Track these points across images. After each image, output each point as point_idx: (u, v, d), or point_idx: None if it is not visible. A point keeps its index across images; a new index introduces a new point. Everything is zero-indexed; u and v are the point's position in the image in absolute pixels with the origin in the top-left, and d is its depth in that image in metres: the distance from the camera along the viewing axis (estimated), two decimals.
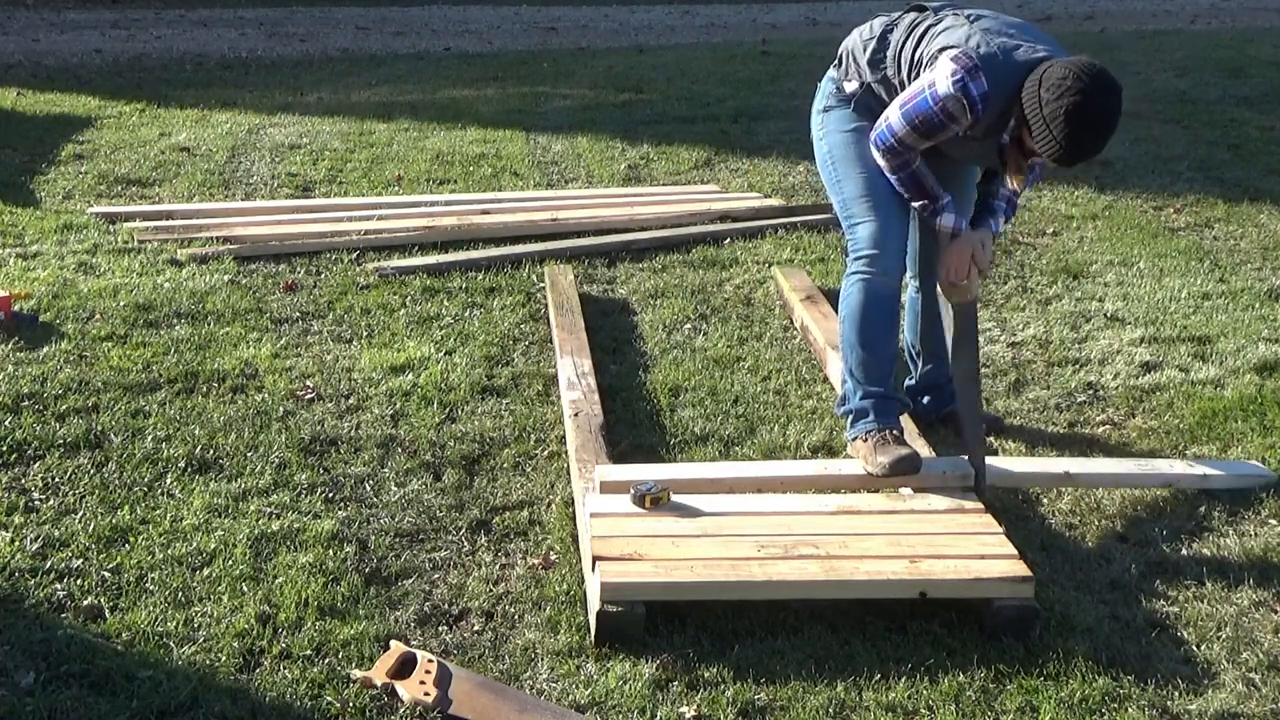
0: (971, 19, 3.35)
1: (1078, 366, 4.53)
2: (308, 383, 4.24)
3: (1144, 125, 8.72)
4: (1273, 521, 3.48)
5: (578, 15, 17.33)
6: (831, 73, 3.72)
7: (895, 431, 3.48)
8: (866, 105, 3.58)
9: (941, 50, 3.28)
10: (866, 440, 3.46)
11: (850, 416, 3.56)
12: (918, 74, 3.37)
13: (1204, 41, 13.31)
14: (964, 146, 3.43)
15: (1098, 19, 16.20)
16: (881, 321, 3.53)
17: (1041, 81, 3.09)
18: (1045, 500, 3.59)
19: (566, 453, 3.73)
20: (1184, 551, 3.31)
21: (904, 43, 3.45)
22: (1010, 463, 3.61)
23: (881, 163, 3.45)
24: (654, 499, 3.20)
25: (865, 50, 3.56)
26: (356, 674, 2.71)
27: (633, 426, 3.98)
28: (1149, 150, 7.97)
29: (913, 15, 3.51)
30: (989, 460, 3.48)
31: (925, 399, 4.03)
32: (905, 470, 3.36)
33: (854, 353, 3.54)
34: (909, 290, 4.01)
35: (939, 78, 3.22)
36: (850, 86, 3.62)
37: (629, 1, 19.30)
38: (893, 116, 3.36)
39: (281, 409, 4.01)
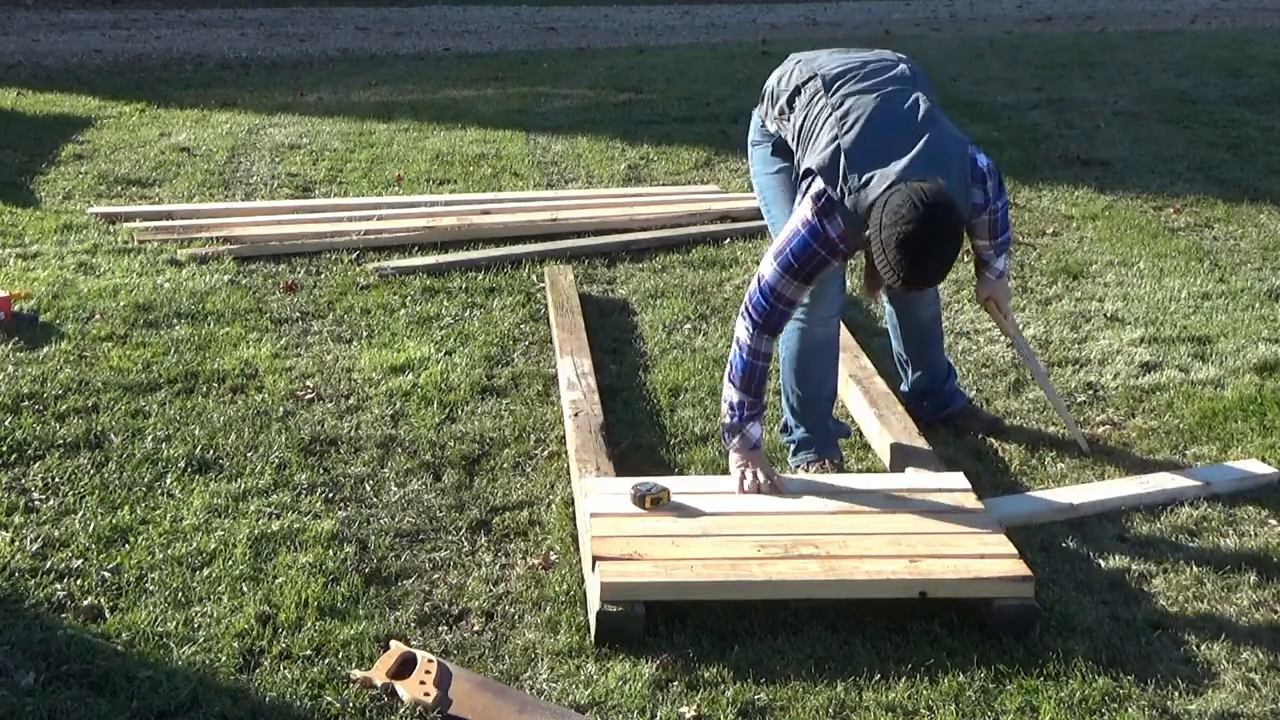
0: (845, 127, 3.21)
1: (1078, 366, 4.53)
2: (308, 383, 4.24)
3: (1144, 125, 8.72)
4: (1273, 522, 3.48)
5: (578, 15, 17.33)
6: (757, 107, 3.75)
7: (835, 459, 3.68)
8: (785, 148, 3.60)
9: (809, 173, 3.26)
10: (809, 469, 3.62)
11: (793, 445, 3.74)
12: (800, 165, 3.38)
13: (1204, 41, 13.30)
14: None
15: (1098, 19, 16.20)
16: (819, 366, 3.68)
17: (885, 208, 3.04)
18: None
19: (566, 453, 3.73)
20: (1184, 551, 3.31)
21: (801, 119, 3.42)
22: (1012, 502, 3.51)
23: (743, 334, 3.30)
24: (654, 499, 3.19)
25: (776, 104, 3.58)
26: (356, 674, 2.71)
27: (633, 426, 3.98)
28: (1149, 150, 7.97)
29: (814, 86, 3.40)
30: (991, 500, 3.45)
31: (924, 403, 4.04)
32: None
33: (794, 393, 3.71)
34: (887, 316, 4.11)
35: (803, 221, 3.23)
36: (771, 126, 3.66)
37: (629, 1, 19.30)
38: (767, 273, 3.26)
39: (281, 409, 4.01)
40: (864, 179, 3.11)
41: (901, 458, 3.60)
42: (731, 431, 3.39)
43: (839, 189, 3.16)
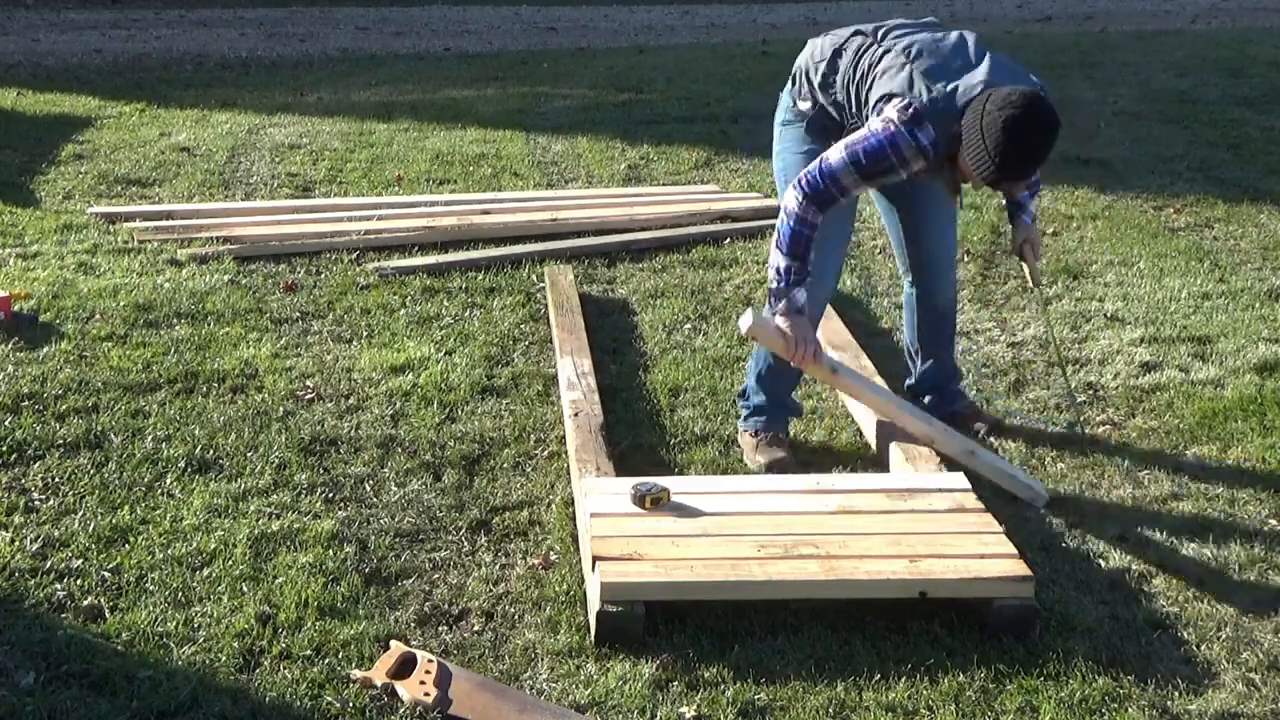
0: (911, 55, 3.34)
1: (1078, 366, 4.53)
2: (308, 383, 4.24)
3: (1144, 125, 8.72)
4: (1273, 522, 3.48)
5: (578, 15, 17.33)
6: (787, 88, 3.76)
7: (781, 435, 3.79)
8: (821, 125, 3.63)
9: (884, 98, 3.31)
10: (755, 436, 3.76)
11: (747, 410, 3.85)
12: (863, 112, 3.43)
13: (1204, 41, 13.31)
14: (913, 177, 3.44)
15: (1098, 19, 16.20)
16: None
17: (988, 99, 3.15)
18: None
19: (566, 453, 3.72)
20: (1184, 551, 3.31)
21: (851, 72, 3.48)
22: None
23: (792, 203, 3.36)
24: (654, 499, 3.19)
25: (816, 73, 3.60)
26: (356, 674, 2.71)
27: (633, 426, 3.98)
28: (1149, 150, 7.97)
29: (859, 41, 3.50)
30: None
31: (927, 398, 4.03)
32: (779, 472, 3.62)
33: (765, 364, 3.78)
34: (904, 291, 4.03)
35: (888, 125, 3.27)
36: (804, 105, 3.68)
37: (629, 1, 19.30)
38: (833, 157, 3.34)
39: (281, 409, 4.01)
40: (949, 87, 3.24)
41: (901, 457, 3.60)
42: (778, 296, 3.44)
43: (924, 101, 3.24)
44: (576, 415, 3.79)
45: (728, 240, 5.96)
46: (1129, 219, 6.39)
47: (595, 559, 2.94)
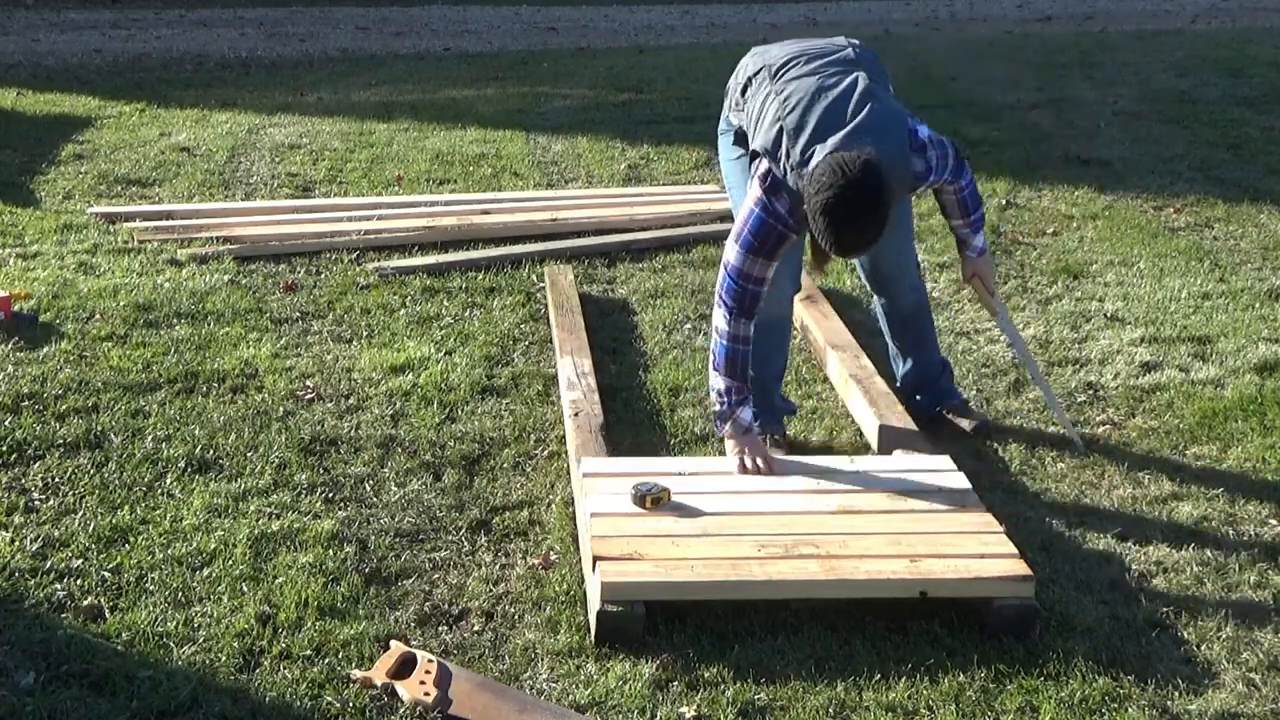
0: (787, 109, 3.32)
1: (1078, 366, 4.53)
2: (308, 383, 4.24)
3: (1144, 125, 8.72)
4: (1273, 522, 3.48)
5: (578, 15, 17.32)
6: (725, 100, 3.82)
7: (776, 433, 3.80)
8: (744, 136, 3.66)
9: (756, 154, 3.39)
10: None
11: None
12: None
13: (1204, 41, 13.30)
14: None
15: (1098, 19, 16.19)
16: (769, 344, 3.73)
17: (815, 174, 3.14)
18: (1045, 500, 3.59)
19: (566, 453, 3.72)
20: (1184, 552, 3.31)
21: (750, 108, 3.53)
22: None
23: (720, 322, 3.39)
24: (654, 499, 3.20)
25: (732, 95, 3.69)
26: (356, 674, 2.71)
27: (633, 426, 3.98)
28: (1149, 150, 7.96)
29: (761, 77, 3.52)
30: None
31: (917, 397, 4.06)
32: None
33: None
34: (874, 304, 4.12)
35: (755, 194, 3.33)
36: (734, 119, 3.74)
37: (629, 1, 19.30)
38: (731, 256, 3.37)
39: (281, 409, 4.01)
40: (805, 155, 3.22)
41: (901, 457, 3.60)
42: (723, 419, 3.48)
43: (782, 166, 3.28)
44: (577, 415, 3.79)
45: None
46: (1129, 219, 6.39)
47: (595, 559, 2.94)
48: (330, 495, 3.51)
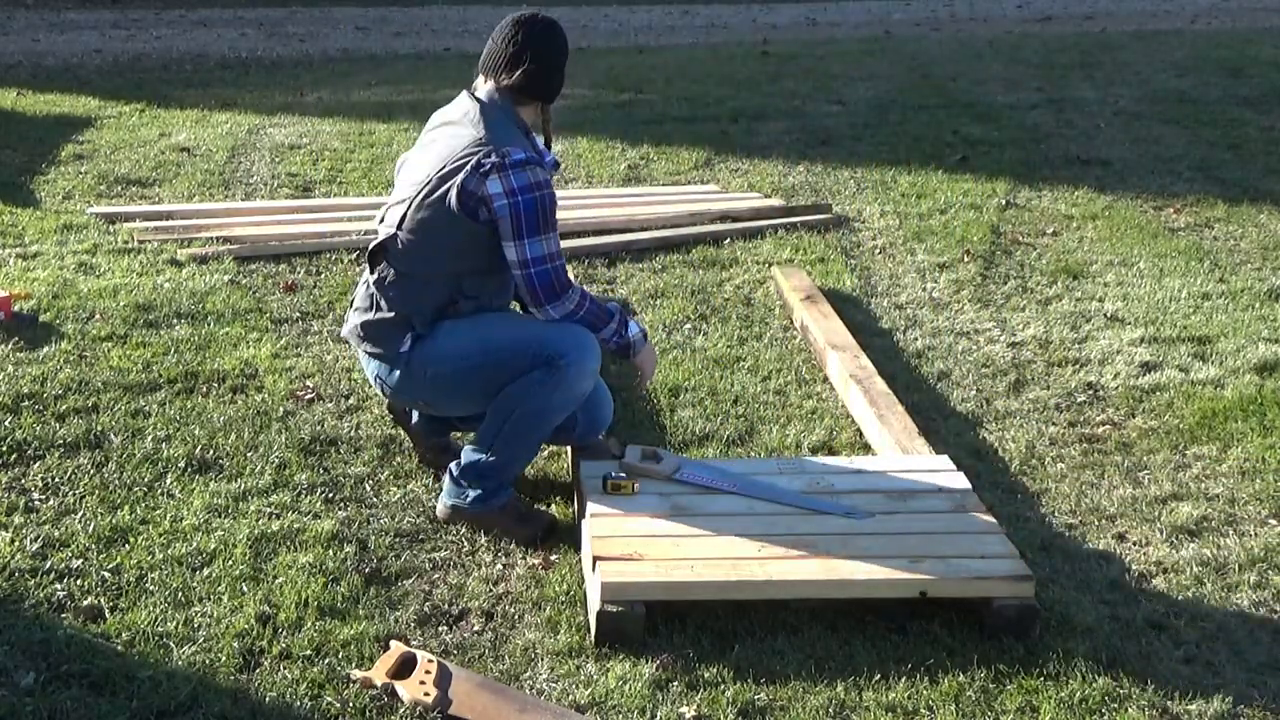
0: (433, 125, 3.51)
1: (1078, 366, 4.53)
2: (308, 383, 4.24)
3: (1144, 125, 8.72)
4: (1273, 521, 3.48)
5: (578, 15, 17.32)
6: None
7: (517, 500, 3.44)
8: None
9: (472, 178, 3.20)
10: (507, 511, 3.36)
11: (480, 492, 3.36)
12: None
13: (1204, 41, 13.30)
14: None
15: (1098, 19, 16.20)
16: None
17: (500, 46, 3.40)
18: (1045, 500, 3.59)
19: (566, 453, 3.72)
20: (1184, 551, 3.32)
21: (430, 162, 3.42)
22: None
23: (568, 306, 3.25)
24: (615, 485, 3.21)
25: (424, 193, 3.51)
26: (356, 674, 2.71)
27: (633, 426, 3.98)
28: (1149, 150, 7.97)
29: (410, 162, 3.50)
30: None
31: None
32: (552, 532, 3.33)
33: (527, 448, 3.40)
34: None
35: (506, 192, 3.16)
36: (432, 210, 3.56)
37: (629, 1, 19.30)
38: (525, 255, 3.17)
39: (281, 409, 4.01)
40: (493, 90, 3.39)
41: (900, 457, 3.60)
42: (631, 345, 3.42)
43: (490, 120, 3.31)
44: None
45: (728, 240, 5.96)
46: (1129, 219, 6.39)
47: (595, 559, 2.94)
48: (330, 495, 3.51)
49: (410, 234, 3.24)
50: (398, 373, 3.32)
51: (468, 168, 3.18)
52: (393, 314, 3.29)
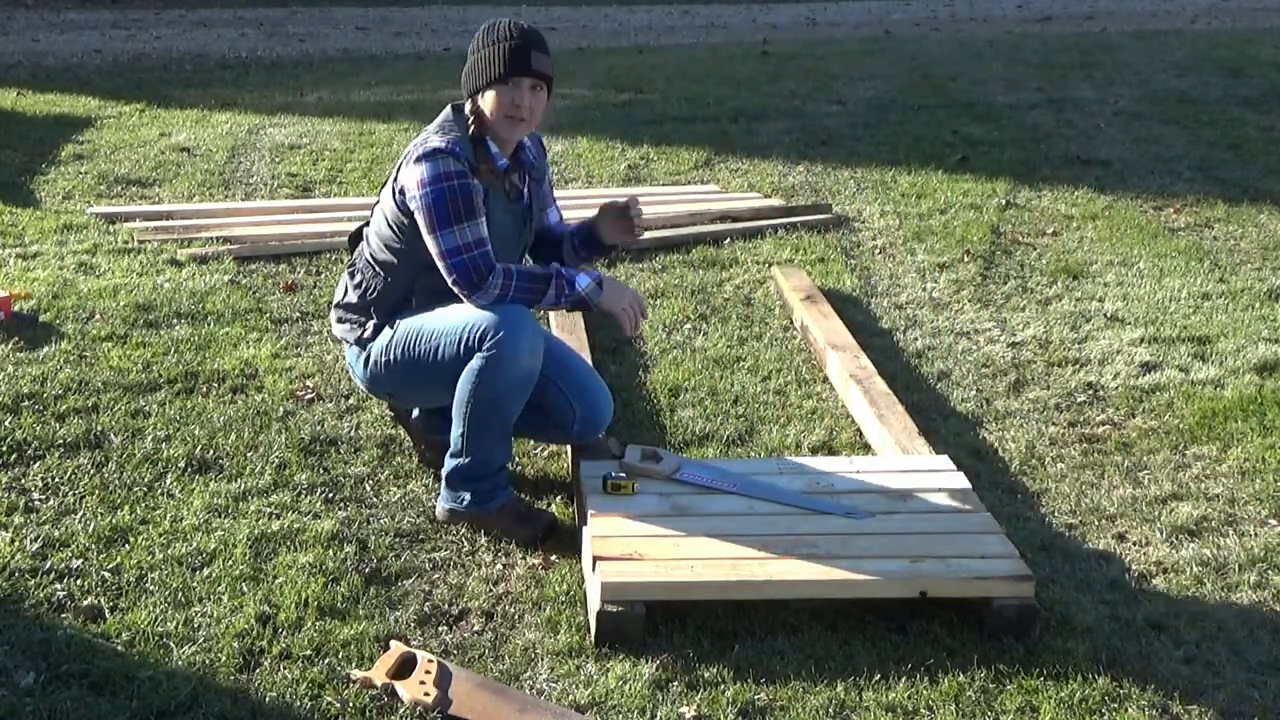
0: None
1: (1078, 366, 4.53)
2: (308, 383, 4.24)
3: (1144, 125, 8.73)
4: (1273, 521, 3.48)
5: (578, 15, 17.32)
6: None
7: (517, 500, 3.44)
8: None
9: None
10: (507, 512, 3.35)
11: (472, 496, 3.35)
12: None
13: (1204, 41, 13.31)
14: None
15: (1098, 19, 16.20)
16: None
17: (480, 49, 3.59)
18: (1045, 500, 3.59)
19: (566, 452, 3.72)
20: (1184, 551, 3.31)
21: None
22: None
23: (484, 298, 3.20)
24: (615, 485, 3.21)
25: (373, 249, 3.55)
26: (356, 674, 2.71)
27: (633, 426, 3.98)
28: (1149, 150, 7.97)
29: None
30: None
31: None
32: (552, 532, 3.31)
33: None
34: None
35: (416, 184, 3.22)
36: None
37: (629, 1, 19.30)
38: (440, 248, 3.19)
39: (281, 409, 4.01)
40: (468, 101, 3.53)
41: (900, 457, 3.60)
42: (582, 299, 3.30)
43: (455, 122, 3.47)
44: None
45: (728, 240, 5.96)
46: (1129, 219, 6.39)
47: (595, 559, 2.94)
48: (330, 495, 3.51)
49: (374, 230, 3.45)
50: (361, 363, 3.48)
51: (401, 162, 3.34)
52: (355, 301, 3.47)
